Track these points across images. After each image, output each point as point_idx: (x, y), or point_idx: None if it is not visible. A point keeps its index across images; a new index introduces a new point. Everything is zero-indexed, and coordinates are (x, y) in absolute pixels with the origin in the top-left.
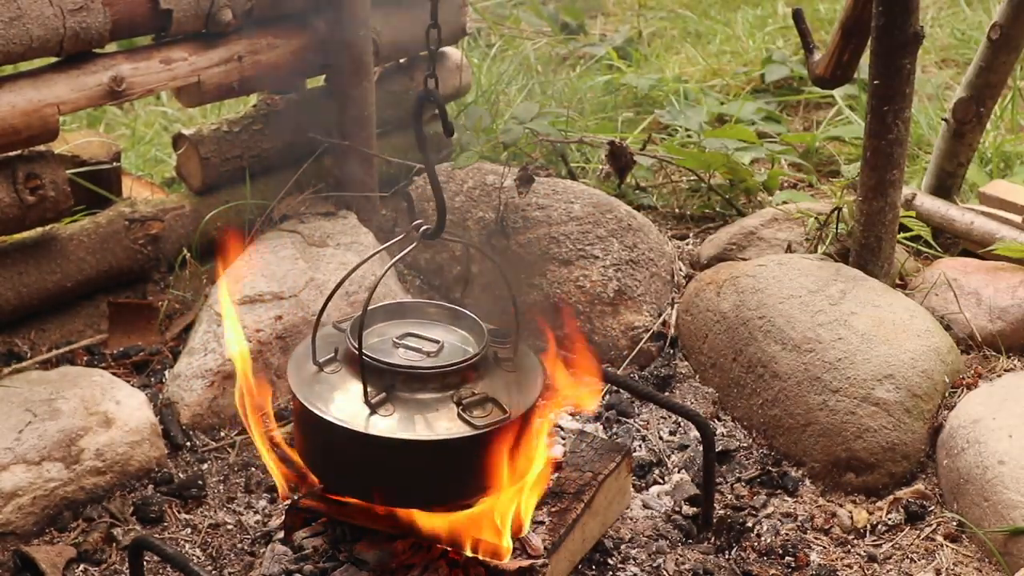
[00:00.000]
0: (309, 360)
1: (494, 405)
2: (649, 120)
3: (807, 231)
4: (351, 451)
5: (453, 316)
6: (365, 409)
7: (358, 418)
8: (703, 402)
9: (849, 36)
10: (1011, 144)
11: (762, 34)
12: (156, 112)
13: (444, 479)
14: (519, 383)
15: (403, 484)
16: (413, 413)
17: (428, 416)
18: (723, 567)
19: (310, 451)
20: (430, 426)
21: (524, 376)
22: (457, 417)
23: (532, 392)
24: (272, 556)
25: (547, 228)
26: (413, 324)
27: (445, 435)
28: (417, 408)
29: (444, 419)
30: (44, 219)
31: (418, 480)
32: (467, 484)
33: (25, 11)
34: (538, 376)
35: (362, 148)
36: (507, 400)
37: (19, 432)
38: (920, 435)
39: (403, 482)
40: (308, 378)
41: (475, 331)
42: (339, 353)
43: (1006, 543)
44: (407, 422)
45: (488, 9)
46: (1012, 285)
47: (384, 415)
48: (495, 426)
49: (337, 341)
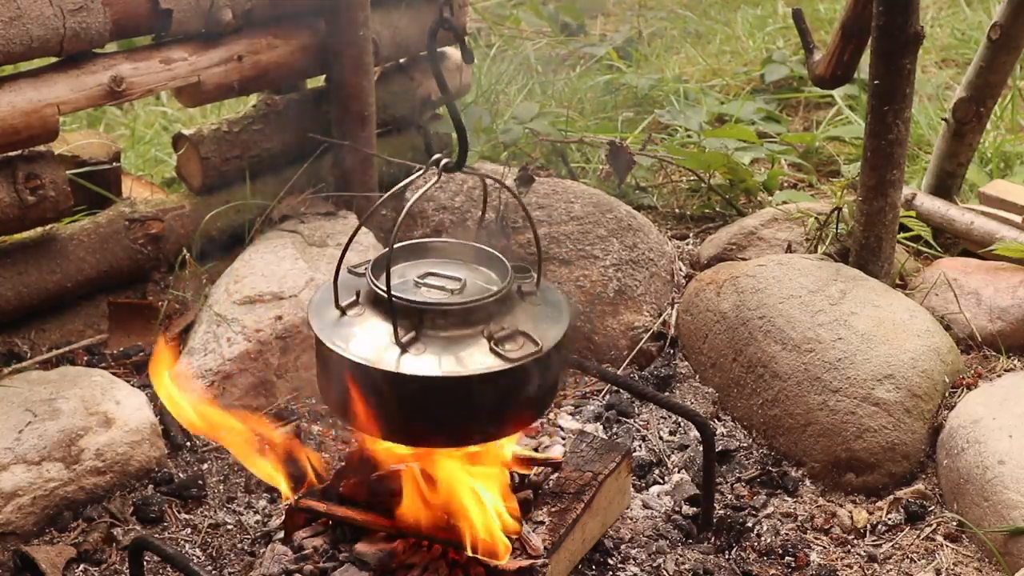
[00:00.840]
0: (329, 306)
1: (525, 338)
2: (649, 120)
3: (807, 231)
4: (384, 392)
5: (472, 254)
6: (396, 349)
7: (390, 358)
8: (703, 402)
9: (849, 36)
10: (1011, 144)
11: (762, 34)
12: (156, 112)
13: (479, 416)
14: (546, 316)
15: (437, 422)
16: (444, 350)
17: (460, 353)
18: (723, 567)
19: (339, 396)
20: (464, 362)
21: (550, 309)
22: (490, 352)
23: (561, 324)
24: (272, 556)
25: (547, 228)
26: (431, 264)
27: (482, 369)
28: (448, 345)
29: (477, 355)
30: (44, 219)
31: (453, 418)
32: (501, 420)
33: (25, 11)
34: (564, 308)
35: (362, 148)
36: (537, 333)
37: (19, 432)
38: (920, 435)
39: (438, 420)
40: (331, 323)
41: (496, 267)
42: (360, 296)
43: (1006, 543)
44: (440, 359)
45: (488, 9)
46: (1012, 285)
47: (416, 354)
48: (529, 359)
49: (355, 286)
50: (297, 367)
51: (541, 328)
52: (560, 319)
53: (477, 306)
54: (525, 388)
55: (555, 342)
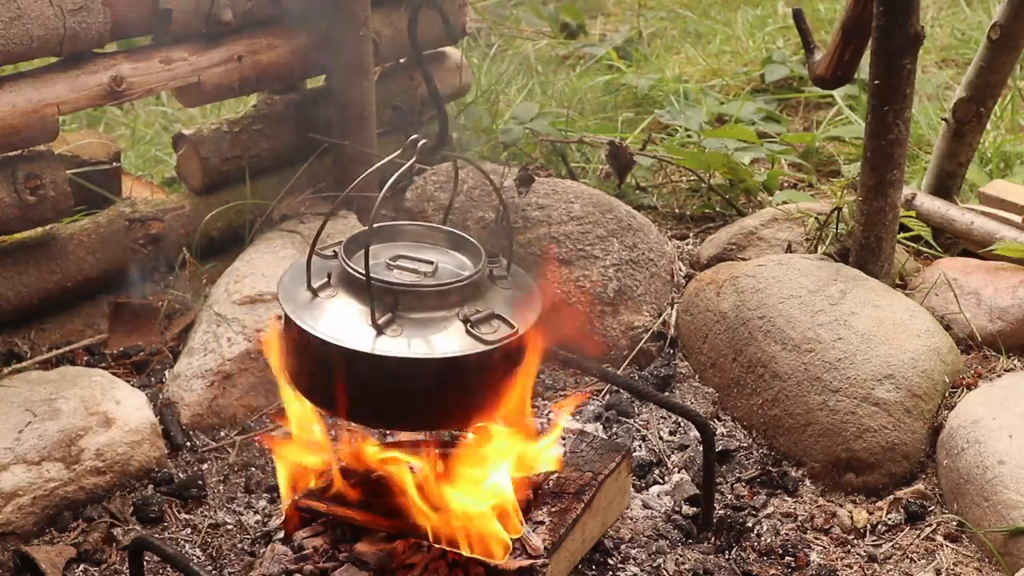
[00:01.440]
0: (300, 287)
1: (500, 321)
2: (649, 120)
3: (807, 231)
4: (360, 374)
5: (442, 237)
6: (371, 331)
7: (366, 340)
8: (703, 402)
9: (849, 36)
10: (1011, 144)
11: (762, 34)
12: (156, 112)
13: (455, 398)
14: (519, 299)
15: (414, 405)
16: (420, 332)
17: (436, 335)
18: (723, 567)
19: (311, 379)
20: (440, 345)
21: (522, 292)
22: (466, 334)
23: (534, 307)
24: (272, 556)
25: (547, 228)
26: (402, 247)
27: (460, 352)
28: (423, 327)
29: (453, 337)
30: (44, 219)
31: (429, 400)
32: (478, 403)
33: (25, 11)
34: (535, 292)
35: (362, 148)
36: (511, 316)
37: (19, 432)
38: (920, 435)
39: (414, 403)
40: (304, 304)
41: (469, 250)
42: (332, 278)
43: (1006, 543)
44: (417, 341)
45: (488, 9)
46: (1012, 285)
47: (392, 335)
48: (505, 341)
49: (326, 268)
50: None
51: (515, 311)
52: (533, 303)
53: (452, 288)
54: (502, 370)
55: (530, 325)
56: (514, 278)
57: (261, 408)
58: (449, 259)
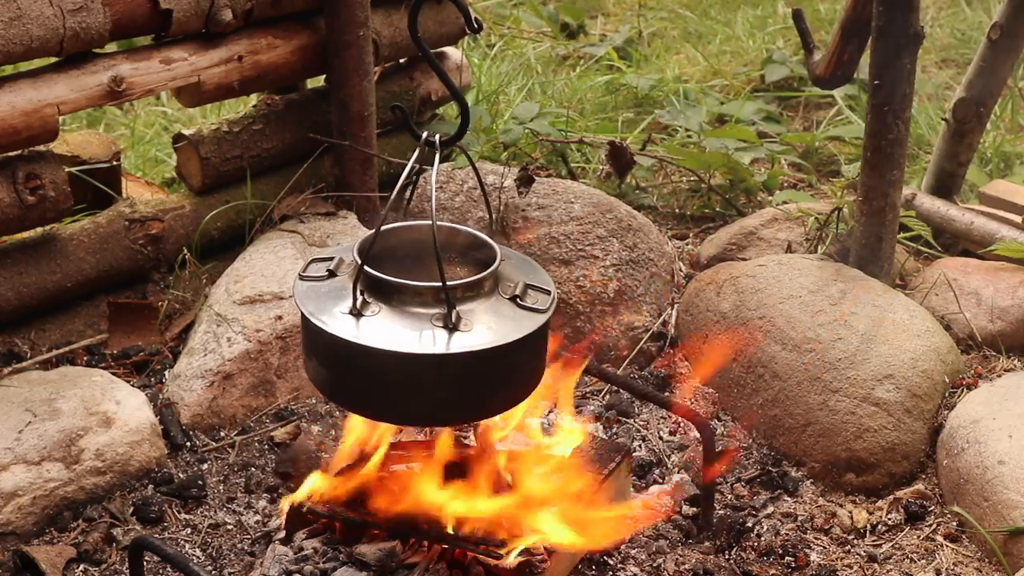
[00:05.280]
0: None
1: (534, 289)
2: (649, 120)
3: (807, 231)
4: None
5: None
6: (445, 333)
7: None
8: (703, 402)
9: (849, 36)
10: (1011, 144)
11: (762, 34)
12: (156, 112)
13: (532, 372)
14: (521, 265)
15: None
16: (483, 321)
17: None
18: (723, 567)
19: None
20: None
21: (520, 260)
22: (519, 309)
23: (540, 272)
24: (272, 556)
25: (547, 228)
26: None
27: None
28: (479, 316)
29: (509, 316)
30: (44, 219)
31: (514, 380)
32: (542, 372)
33: (25, 11)
34: (530, 259)
35: (362, 148)
36: (536, 281)
37: (19, 432)
38: (920, 435)
39: (503, 387)
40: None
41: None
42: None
43: (1006, 543)
44: (480, 328)
45: (488, 9)
46: (1012, 285)
47: (465, 331)
48: (553, 304)
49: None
50: (297, 367)
51: (531, 276)
52: (534, 268)
53: (488, 274)
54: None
55: (552, 286)
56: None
57: (261, 408)
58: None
